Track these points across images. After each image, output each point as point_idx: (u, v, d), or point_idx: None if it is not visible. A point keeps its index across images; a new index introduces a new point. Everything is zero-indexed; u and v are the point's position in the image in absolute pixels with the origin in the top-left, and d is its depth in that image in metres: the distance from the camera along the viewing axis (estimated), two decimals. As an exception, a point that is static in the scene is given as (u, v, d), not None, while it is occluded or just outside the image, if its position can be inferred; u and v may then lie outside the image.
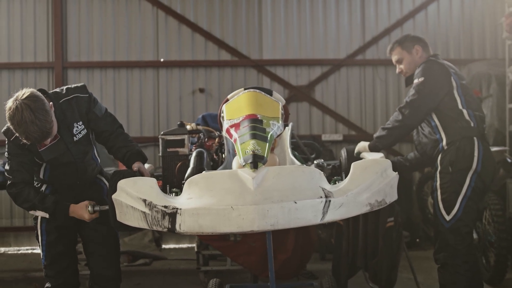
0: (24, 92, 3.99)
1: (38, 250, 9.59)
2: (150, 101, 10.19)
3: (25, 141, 4.02)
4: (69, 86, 4.48)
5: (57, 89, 4.46)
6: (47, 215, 4.36)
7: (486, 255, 6.72)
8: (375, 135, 5.33)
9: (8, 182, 4.36)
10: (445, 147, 4.98)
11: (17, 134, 4.03)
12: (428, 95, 4.96)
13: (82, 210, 4.30)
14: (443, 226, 4.93)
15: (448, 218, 4.89)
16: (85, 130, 4.44)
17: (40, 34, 10.10)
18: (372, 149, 5.27)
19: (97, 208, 4.30)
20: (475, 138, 4.89)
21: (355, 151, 5.34)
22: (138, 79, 10.20)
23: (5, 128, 4.26)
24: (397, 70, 5.50)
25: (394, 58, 5.48)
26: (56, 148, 4.30)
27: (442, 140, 5.01)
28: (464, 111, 4.93)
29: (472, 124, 4.91)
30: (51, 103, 4.15)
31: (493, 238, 6.64)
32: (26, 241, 9.97)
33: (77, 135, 4.38)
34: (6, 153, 4.34)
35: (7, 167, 4.35)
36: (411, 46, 5.38)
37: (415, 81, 5.06)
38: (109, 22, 10.17)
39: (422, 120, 5.04)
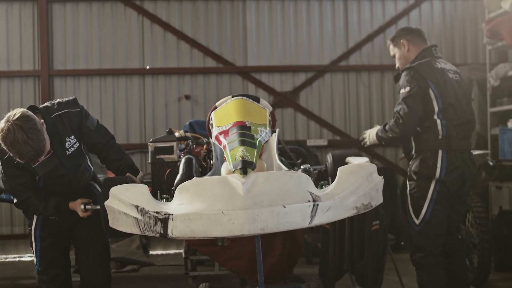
0: (15, 113, 4.03)
1: (25, 258, 9.65)
2: (136, 109, 10.23)
3: (19, 160, 4.08)
4: (60, 100, 4.53)
5: (48, 104, 4.51)
6: None
7: (469, 257, 6.83)
8: (386, 127, 5.18)
9: (15, 200, 4.52)
10: (414, 155, 5.15)
11: (10, 154, 4.09)
12: (415, 105, 4.95)
13: (77, 207, 4.43)
14: (413, 229, 5.11)
15: (417, 221, 5.05)
16: (78, 144, 4.50)
17: (25, 42, 10.11)
18: (378, 139, 5.30)
19: (89, 207, 4.41)
20: (440, 150, 4.97)
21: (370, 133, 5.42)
22: (124, 87, 10.23)
23: None
24: (396, 66, 5.51)
25: (391, 55, 5.54)
26: (49, 162, 4.37)
27: (412, 148, 5.17)
28: (438, 121, 4.98)
29: (440, 135, 4.96)
30: (42, 120, 4.21)
31: (476, 240, 6.75)
32: (13, 249, 9.95)
33: (69, 149, 4.44)
34: (2, 173, 4.41)
35: (7, 186, 4.45)
36: (399, 41, 5.41)
37: (402, 90, 5.04)
38: (94, 30, 10.20)
39: (417, 124, 5.01)
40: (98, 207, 4.32)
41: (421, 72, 5.00)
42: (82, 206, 4.40)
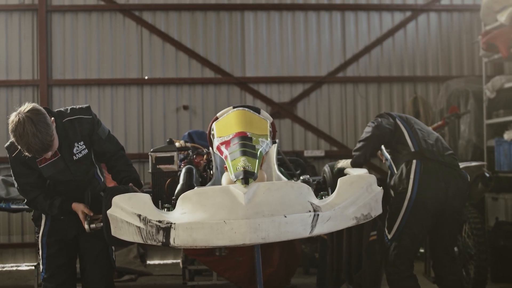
0: (27, 106, 4.13)
1: (22, 267, 9.66)
2: (135, 118, 10.26)
3: (26, 153, 4.15)
4: (74, 106, 4.61)
5: (62, 109, 4.59)
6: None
7: (466, 268, 6.87)
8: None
9: (25, 200, 4.60)
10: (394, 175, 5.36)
11: (19, 148, 4.16)
12: (385, 121, 5.41)
13: (79, 211, 4.47)
14: (386, 243, 5.25)
15: (389, 236, 5.18)
16: (86, 150, 4.54)
17: (25, 52, 10.15)
18: (353, 164, 5.49)
19: (93, 226, 4.41)
20: (414, 160, 5.17)
21: (339, 166, 5.55)
22: (122, 97, 10.27)
23: (8, 143, 4.39)
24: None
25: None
26: (55, 165, 4.42)
27: (394, 172, 5.38)
28: (409, 141, 5.28)
29: (413, 149, 5.23)
30: (52, 118, 4.27)
31: (473, 250, 6.79)
32: (11, 258, 9.94)
33: (77, 155, 4.49)
34: (11, 171, 4.50)
35: (16, 185, 4.54)
36: None
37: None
38: (93, 40, 10.26)
39: (386, 132, 5.37)
40: (101, 225, 4.35)
41: (388, 112, 5.57)
42: (87, 226, 4.40)
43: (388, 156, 5.50)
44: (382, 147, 5.56)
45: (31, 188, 4.49)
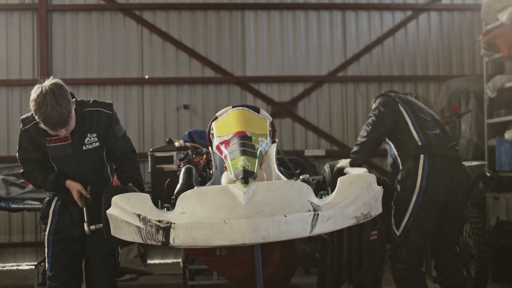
0: (51, 80, 4.23)
1: (23, 267, 9.65)
2: (135, 118, 10.25)
3: (42, 125, 4.20)
4: (97, 99, 4.69)
5: (84, 99, 4.66)
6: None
7: (467, 267, 6.86)
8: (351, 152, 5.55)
9: (22, 170, 4.67)
10: (400, 168, 5.28)
11: (35, 120, 4.24)
12: (383, 116, 5.28)
13: (74, 191, 4.51)
14: (395, 240, 5.19)
15: (398, 233, 5.14)
16: (97, 143, 4.57)
17: (25, 51, 10.15)
18: (352, 165, 5.44)
19: (92, 227, 4.40)
20: (422, 155, 5.11)
21: (338, 166, 5.52)
22: (123, 96, 10.26)
23: (24, 116, 4.48)
24: None
25: None
26: (63, 149, 4.47)
27: (399, 164, 5.31)
28: (414, 133, 5.19)
29: (420, 143, 5.15)
30: (73, 99, 4.32)
31: (474, 250, 6.78)
32: (11, 258, 9.93)
33: (87, 145, 4.53)
34: (18, 142, 4.56)
35: (18, 155, 4.60)
36: None
37: (373, 105, 5.48)
38: (94, 39, 10.25)
39: (383, 133, 5.31)
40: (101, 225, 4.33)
41: (390, 94, 5.42)
42: (87, 228, 4.42)
43: (392, 145, 5.44)
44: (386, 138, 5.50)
45: (30, 163, 4.56)
